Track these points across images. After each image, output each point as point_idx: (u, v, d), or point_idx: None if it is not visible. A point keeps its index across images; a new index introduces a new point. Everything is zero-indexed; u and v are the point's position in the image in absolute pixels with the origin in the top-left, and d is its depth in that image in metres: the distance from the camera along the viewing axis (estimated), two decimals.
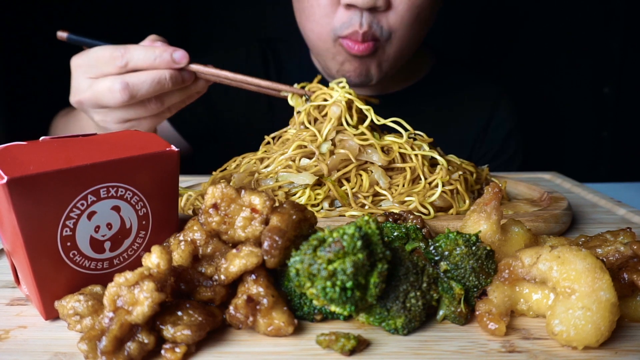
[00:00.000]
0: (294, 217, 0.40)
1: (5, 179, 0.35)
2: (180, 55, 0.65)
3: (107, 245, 0.42)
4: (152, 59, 0.65)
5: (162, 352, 0.36)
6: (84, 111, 0.71)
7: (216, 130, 1.06)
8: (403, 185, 0.58)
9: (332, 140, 0.60)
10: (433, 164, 0.62)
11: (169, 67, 0.66)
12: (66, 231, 0.39)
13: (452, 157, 0.66)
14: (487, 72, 1.49)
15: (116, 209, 0.41)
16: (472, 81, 1.10)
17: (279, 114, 1.01)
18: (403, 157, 0.60)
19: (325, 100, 0.62)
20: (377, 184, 0.58)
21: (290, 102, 0.67)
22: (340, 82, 0.64)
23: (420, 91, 1.04)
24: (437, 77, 1.06)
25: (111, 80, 0.65)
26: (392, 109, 1.03)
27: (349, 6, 0.79)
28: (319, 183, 0.58)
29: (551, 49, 1.50)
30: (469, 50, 1.52)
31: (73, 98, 0.69)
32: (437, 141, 0.65)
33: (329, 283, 0.34)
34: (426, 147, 0.61)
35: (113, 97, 0.65)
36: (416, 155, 0.60)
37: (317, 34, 0.85)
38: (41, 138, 0.43)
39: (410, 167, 0.59)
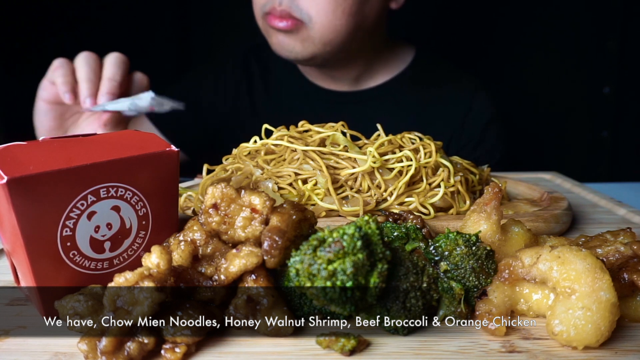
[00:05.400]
0: (294, 217, 0.40)
1: (5, 179, 0.35)
2: (88, 103, 0.78)
3: (107, 245, 0.42)
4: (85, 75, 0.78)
5: (162, 352, 0.36)
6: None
7: (205, 136, 1.09)
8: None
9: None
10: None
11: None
12: (66, 231, 0.39)
13: (455, 158, 0.66)
14: (486, 74, 1.49)
15: (116, 209, 0.41)
16: (450, 74, 1.11)
17: (262, 114, 1.06)
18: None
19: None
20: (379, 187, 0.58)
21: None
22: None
23: (399, 85, 1.06)
24: (416, 71, 1.07)
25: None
26: (371, 104, 1.04)
27: None
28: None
29: (551, 48, 1.50)
30: (470, 54, 1.52)
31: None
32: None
33: (329, 283, 0.34)
34: (433, 150, 0.60)
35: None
36: (426, 165, 0.59)
37: (255, 14, 0.96)
38: (41, 138, 0.43)
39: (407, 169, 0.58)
